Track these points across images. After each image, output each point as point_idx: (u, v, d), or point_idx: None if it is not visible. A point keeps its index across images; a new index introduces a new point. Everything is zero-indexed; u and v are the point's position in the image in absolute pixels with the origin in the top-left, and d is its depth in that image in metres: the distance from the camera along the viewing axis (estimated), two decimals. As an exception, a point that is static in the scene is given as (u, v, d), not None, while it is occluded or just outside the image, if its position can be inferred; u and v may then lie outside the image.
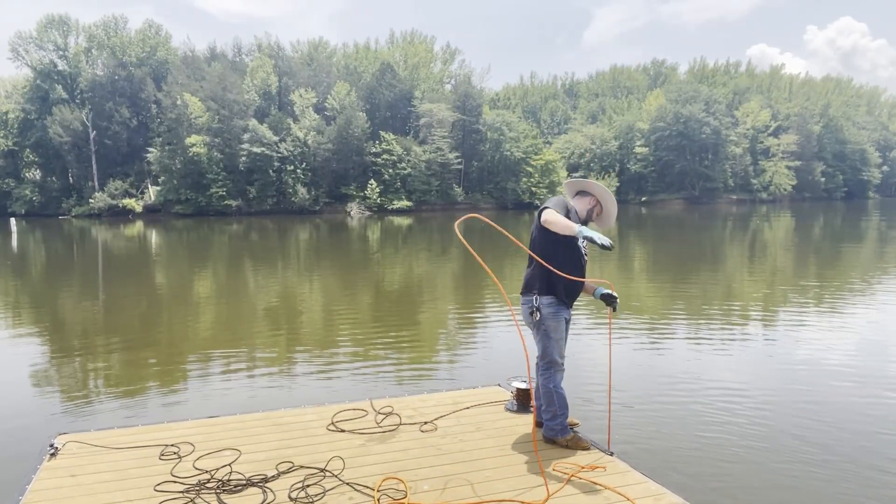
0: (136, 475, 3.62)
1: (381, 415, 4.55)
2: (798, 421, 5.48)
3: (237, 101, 51.54)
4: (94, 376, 7.43)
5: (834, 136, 74.89)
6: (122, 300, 13.09)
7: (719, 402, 5.96)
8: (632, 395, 6.17)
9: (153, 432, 4.27)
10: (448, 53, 68.62)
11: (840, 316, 10.15)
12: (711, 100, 65.79)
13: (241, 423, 4.43)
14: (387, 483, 3.51)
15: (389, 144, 53.39)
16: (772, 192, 68.19)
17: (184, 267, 19.64)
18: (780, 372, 7.05)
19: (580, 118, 75.65)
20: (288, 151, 51.60)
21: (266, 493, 3.39)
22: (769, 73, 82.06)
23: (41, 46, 56.06)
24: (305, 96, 54.49)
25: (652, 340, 8.55)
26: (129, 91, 54.12)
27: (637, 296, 12.24)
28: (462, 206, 54.85)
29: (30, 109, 55.44)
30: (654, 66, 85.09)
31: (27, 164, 56.82)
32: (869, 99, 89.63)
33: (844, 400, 6.04)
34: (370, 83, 58.33)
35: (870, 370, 7.01)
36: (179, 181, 50.09)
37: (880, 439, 5.07)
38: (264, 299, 12.90)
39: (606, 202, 4.26)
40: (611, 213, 4.31)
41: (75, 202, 52.66)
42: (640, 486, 3.53)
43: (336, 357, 8.02)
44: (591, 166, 63.56)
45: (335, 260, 21.21)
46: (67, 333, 9.93)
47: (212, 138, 50.07)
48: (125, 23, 58.27)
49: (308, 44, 64.78)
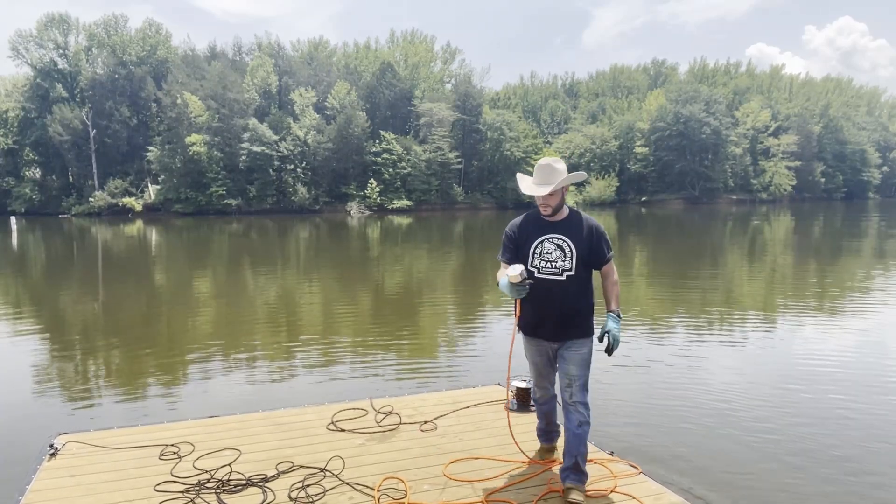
0: (135, 475, 3.62)
1: (381, 414, 4.55)
2: (798, 421, 5.48)
3: (237, 101, 51.50)
4: (93, 376, 7.43)
5: (834, 136, 74.84)
6: (121, 299, 13.08)
7: (719, 403, 5.96)
8: (632, 395, 6.17)
9: (153, 432, 4.27)
10: (448, 53, 68.63)
11: (840, 317, 10.15)
12: (711, 100, 65.73)
13: (240, 423, 4.44)
14: (387, 483, 3.51)
15: (389, 144, 53.37)
16: (772, 193, 68.14)
17: (183, 266, 19.63)
18: (781, 373, 7.05)
19: (580, 118, 75.56)
20: (288, 150, 51.58)
21: (266, 493, 3.40)
22: (769, 73, 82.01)
23: (41, 45, 56.01)
24: (305, 95, 54.46)
25: (652, 341, 8.55)
26: (130, 90, 54.09)
27: (637, 296, 12.23)
28: (462, 206, 54.85)
29: (30, 108, 55.38)
30: (655, 65, 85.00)
31: (27, 163, 56.77)
32: (869, 99, 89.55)
33: (845, 400, 6.03)
34: (370, 82, 58.30)
35: (871, 372, 7.01)
36: (179, 180, 50.07)
37: (882, 441, 5.07)
38: (264, 298, 12.90)
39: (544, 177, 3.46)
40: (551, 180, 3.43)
41: (75, 201, 52.62)
42: (640, 486, 3.53)
43: (336, 356, 8.02)
44: (591, 166, 63.43)
45: (335, 259, 21.20)
46: (67, 333, 9.92)
47: (212, 137, 50.04)
48: (125, 22, 58.23)
49: (308, 43, 64.81)
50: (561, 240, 3.42)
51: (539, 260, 3.43)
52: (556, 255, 3.41)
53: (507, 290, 3.34)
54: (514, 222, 3.56)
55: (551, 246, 3.42)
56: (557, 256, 3.41)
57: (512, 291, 3.33)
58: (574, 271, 3.39)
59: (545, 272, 3.41)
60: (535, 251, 3.44)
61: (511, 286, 3.32)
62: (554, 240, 3.43)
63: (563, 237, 3.42)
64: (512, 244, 3.53)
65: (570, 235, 3.42)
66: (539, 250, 3.43)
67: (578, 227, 3.45)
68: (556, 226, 3.46)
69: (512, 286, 3.32)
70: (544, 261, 3.42)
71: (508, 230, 3.54)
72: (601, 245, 3.47)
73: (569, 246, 3.40)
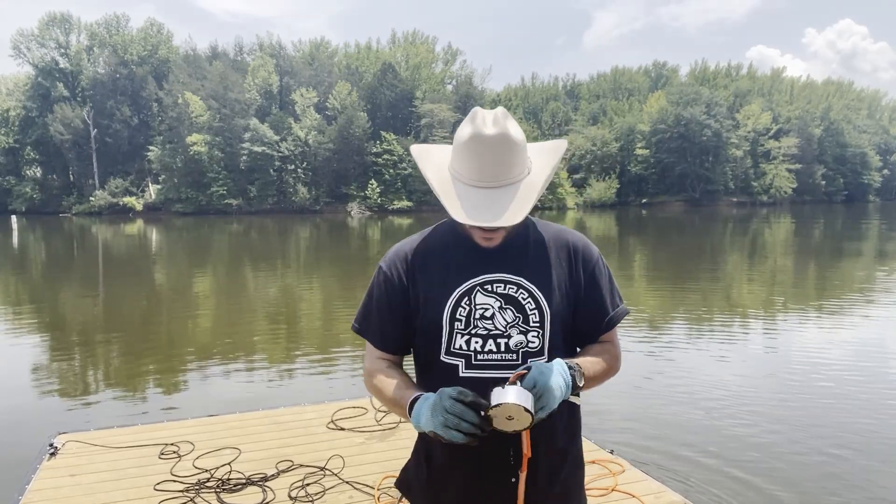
0: (135, 474, 3.61)
1: (380, 413, 4.54)
2: (799, 421, 5.47)
3: (238, 101, 51.57)
4: (93, 375, 7.42)
5: (835, 139, 74.83)
6: (121, 298, 13.08)
7: (720, 403, 5.95)
8: (632, 393, 6.16)
9: (153, 431, 4.26)
10: (449, 54, 68.69)
11: (840, 318, 10.13)
12: (712, 102, 65.74)
13: (240, 422, 4.43)
14: (387, 481, 3.50)
15: (390, 144, 53.42)
16: (772, 195, 68.11)
17: (184, 265, 19.63)
18: (781, 373, 7.04)
19: (581, 119, 75.54)
20: (289, 151, 51.65)
21: (266, 492, 3.39)
22: (770, 75, 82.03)
23: (43, 44, 56.16)
24: (307, 96, 54.52)
25: (652, 342, 8.54)
26: (131, 89, 54.17)
27: (637, 297, 12.23)
28: (462, 207, 54.81)
29: (31, 107, 55.49)
30: (656, 67, 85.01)
31: (28, 162, 56.86)
32: (870, 102, 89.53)
33: (845, 401, 6.03)
34: (371, 83, 58.36)
35: (871, 372, 7.00)
36: (180, 180, 50.14)
37: (884, 443, 5.06)
38: (264, 298, 12.89)
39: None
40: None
41: (76, 200, 52.71)
42: (640, 484, 3.52)
43: (336, 355, 8.01)
44: (591, 168, 63.50)
45: (335, 259, 21.20)
46: (67, 332, 9.92)
47: (213, 137, 50.10)
48: (127, 21, 58.48)
49: (309, 43, 64.88)
50: (514, 284, 1.48)
51: (468, 335, 1.47)
52: (502, 319, 1.47)
53: (433, 424, 1.30)
54: (405, 247, 1.58)
55: (491, 300, 1.47)
56: (507, 323, 1.47)
57: (443, 430, 1.29)
58: (548, 354, 1.48)
59: (484, 361, 1.46)
60: (454, 313, 1.47)
61: (445, 420, 1.28)
62: (498, 286, 1.48)
63: (516, 278, 1.49)
64: (394, 301, 1.54)
65: (532, 272, 1.50)
66: (467, 312, 1.47)
67: (542, 251, 1.54)
68: (499, 254, 1.50)
69: (447, 421, 1.28)
70: (479, 336, 1.47)
71: (388, 266, 1.56)
72: (599, 285, 1.56)
73: (532, 296, 1.48)
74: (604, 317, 1.56)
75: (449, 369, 1.47)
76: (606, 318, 1.56)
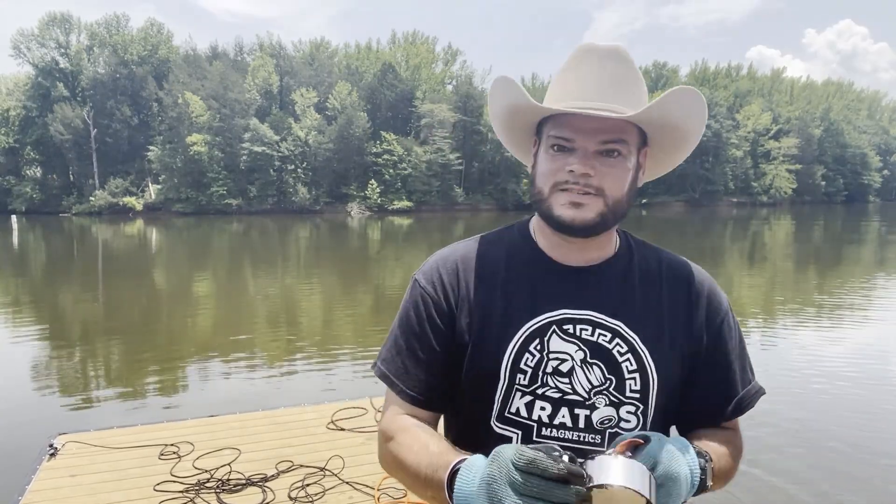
0: (135, 475, 3.62)
1: (380, 413, 4.54)
2: (799, 421, 5.47)
3: (238, 101, 51.59)
4: (93, 375, 7.42)
5: (835, 139, 74.91)
6: (121, 298, 13.08)
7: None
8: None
9: (153, 432, 4.26)
10: (449, 54, 68.71)
11: (841, 319, 10.13)
12: (713, 102, 65.75)
13: (240, 423, 4.43)
14: (387, 482, 3.50)
15: (390, 145, 53.44)
16: (772, 196, 68.18)
17: (184, 265, 19.63)
18: (781, 373, 7.04)
19: (581, 120, 75.55)
20: (289, 151, 51.67)
21: (266, 493, 3.39)
22: (770, 76, 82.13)
23: (43, 44, 56.14)
24: (307, 96, 54.54)
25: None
26: (131, 89, 54.18)
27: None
28: (462, 207, 54.86)
29: (31, 107, 55.49)
30: (656, 68, 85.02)
31: (28, 162, 56.86)
32: (870, 103, 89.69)
33: (846, 401, 6.03)
34: (371, 83, 58.39)
35: (872, 372, 7.00)
36: (180, 180, 50.16)
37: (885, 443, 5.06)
38: (264, 298, 12.89)
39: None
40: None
41: (76, 200, 52.71)
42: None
43: (335, 355, 8.01)
44: (591, 168, 63.50)
45: (335, 259, 21.20)
46: (67, 332, 9.92)
47: (213, 137, 50.12)
48: (127, 21, 58.45)
49: (309, 43, 64.92)
50: (607, 330, 1.05)
51: (532, 395, 1.04)
52: (585, 380, 1.03)
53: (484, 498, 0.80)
54: (454, 255, 1.17)
55: (571, 349, 1.04)
56: (592, 387, 1.03)
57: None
58: (647, 426, 1.06)
59: (550, 438, 1.04)
60: (518, 362, 1.04)
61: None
62: (583, 328, 1.05)
63: (612, 322, 1.06)
64: (437, 332, 1.13)
65: (635, 315, 1.07)
66: (536, 361, 1.04)
67: (651, 286, 1.12)
68: (591, 279, 1.09)
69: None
70: (548, 399, 1.04)
71: (427, 280, 1.19)
72: (727, 349, 1.12)
73: (633, 352, 1.05)
74: (732, 396, 1.10)
75: (498, 442, 0.91)
76: (736, 397, 1.10)
